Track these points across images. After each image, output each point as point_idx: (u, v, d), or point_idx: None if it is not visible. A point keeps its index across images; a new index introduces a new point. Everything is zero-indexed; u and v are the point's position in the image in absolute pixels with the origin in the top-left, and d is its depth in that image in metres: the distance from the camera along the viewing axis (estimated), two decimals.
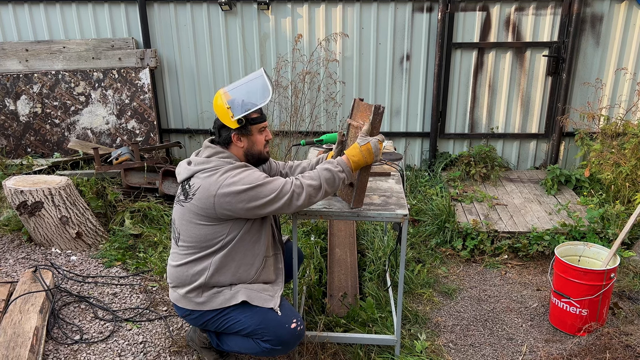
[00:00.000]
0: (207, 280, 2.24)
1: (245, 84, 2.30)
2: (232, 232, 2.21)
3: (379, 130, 2.28)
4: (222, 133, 2.27)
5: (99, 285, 3.37)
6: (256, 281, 2.31)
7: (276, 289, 2.37)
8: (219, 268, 2.24)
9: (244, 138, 2.25)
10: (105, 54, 5.26)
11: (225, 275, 2.25)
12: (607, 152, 4.55)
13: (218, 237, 2.20)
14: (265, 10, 5.21)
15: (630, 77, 5.19)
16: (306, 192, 2.15)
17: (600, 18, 5.05)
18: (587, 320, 2.90)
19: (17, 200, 3.60)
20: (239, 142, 2.26)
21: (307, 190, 2.16)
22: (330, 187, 2.20)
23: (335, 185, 2.22)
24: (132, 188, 4.44)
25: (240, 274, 2.27)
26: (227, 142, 2.27)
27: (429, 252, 3.99)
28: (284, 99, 5.37)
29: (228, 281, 2.26)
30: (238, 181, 2.10)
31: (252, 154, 2.30)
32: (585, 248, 3.13)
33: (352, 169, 2.24)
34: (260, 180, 2.12)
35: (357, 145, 2.23)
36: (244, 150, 2.28)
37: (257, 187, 2.10)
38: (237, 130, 2.23)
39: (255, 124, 2.26)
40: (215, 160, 2.20)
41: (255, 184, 2.10)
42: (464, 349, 2.87)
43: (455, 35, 5.19)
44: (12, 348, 2.47)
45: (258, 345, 2.25)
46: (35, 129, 5.31)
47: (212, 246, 2.22)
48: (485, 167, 5.12)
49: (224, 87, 2.32)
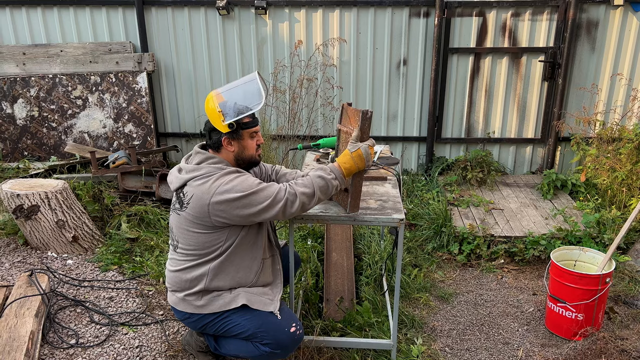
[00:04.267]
0: (207, 285, 2.24)
1: (238, 87, 2.26)
2: (230, 238, 2.20)
3: (369, 135, 2.27)
4: (212, 136, 2.24)
5: (95, 289, 3.36)
6: (255, 284, 2.31)
7: (275, 291, 2.37)
8: (218, 273, 2.24)
9: (234, 142, 2.23)
10: (102, 58, 5.26)
11: (224, 280, 2.25)
12: (602, 157, 4.57)
13: (216, 244, 2.20)
14: (263, 14, 5.22)
15: (626, 83, 5.22)
16: (299, 200, 2.14)
17: (595, 24, 5.09)
18: (582, 324, 2.91)
19: (13, 203, 3.59)
20: (230, 146, 2.23)
21: (301, 198, 2.14)
22: (323, 195, 2.20)
23: (328, 192, 2.21)
24: (128, 192, 4.43)
25: (240, 278, 2.27)
26: (218, 146, 2.25)
27: (426, 256, 4.00)
28: (281, 104, 5.38)
29: (227, 285, 2.26)
30: (231, 188, 2.08)
31: (242, 159, 2.28)
32: (581, 253, 3.14)
33: (344, 176, 2.24)
34: (254, 187, 2.10)
35: (347, 152, 2.22)
36: (234, 154, 2.25)
37: (250, 194, 2.08)
38: (227, 135, 2.20)
39: (247, 129, 2.22)
40: (206, 167, 2.18)
41: (249, 192, 2.08)
42: (460, 354, 2.87)
43: (452, 41, 5.22)
44: (8, 352, 2.46)
45: (257, 349, 2.25)
46: (32, 132, 5.30)
47: (211, 253, 2.22)
48: (482, 171, 5.13)
49: (217, 88, 2.29)
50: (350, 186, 2.32)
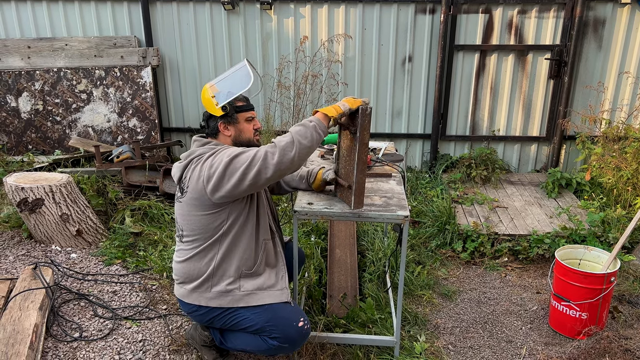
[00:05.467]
0: (215, 269, 2.25)
1: (229, 76, 2.34)
2: (231, 217, 2.22)
3: (369, 132, 2.25)
4: (210, 124, 2.32)
5: (99, 283, 3.36)
6: (260, 265, 2.31)
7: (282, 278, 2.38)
8: (225, 255, 2.26)
9: (230, 127, 2.28)
10: (107, 52, 5.26)
11: (231, 262, 2.26)
12: (608, 155, 4.55)
13: (219, 223, 2.22)
14: (268, 10, 5.21)
15: (633, 81, 5.19)
16: (280, 148, 2.05)
17: (602, 22, 5.05)
18: (586, 323, 2.90)
19: (17, 197, 3.60)
20: (226, 130, 2.29)
21: (280, 145, 2.06)
22: (303, 138, 2.08)
23: (308, 136, 2.09)
24: (132, 186, 4.44)
25: (245, 259, 2.28)
26: (215, 132, 2.31)
27: (429, 253, 3.99)
28: (286, 99, 5.37)
29: (234, 268, 2.26)
30: (218, 161, 2.10)
31: (240, 143, 2.31)
32: (585, 251, 3.12)
33: (322, 119, 2.17)
34: (236, 152, 2.10)
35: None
36: (231, 138, 2.30)
37: (233, 159, 2.08)
38: (223, 119, 2.26)
39: (242, 112, 2.29)
40: (201, 149, 2.23)
41: (230, 157, 2.08)
42: (464, 351, 2.87)
43: (458, 37, 5.19)
44: (12, 345, 2.46)
45: (265, 343, 2.25)
46: (36, 126, 5.31)
47: (216, 234, 2.24)
48: (486, 169, 5.12)
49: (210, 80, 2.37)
50: (354, 182, 2.31)
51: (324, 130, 2.16)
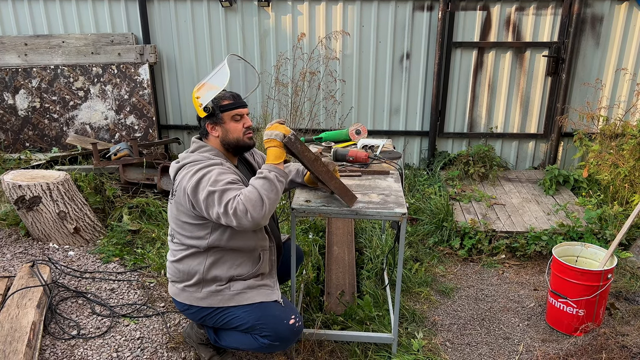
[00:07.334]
0: (204, 275, 2.25)
1: (214, 75, 2.30)
2: (215, 231, 2.20)
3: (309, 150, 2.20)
4: (200, 125, 2.31)
5: (97, 281, 3.36)
6: (253, 275, 2.30)
7: (273, 280, 2.38)
8: (215, 263, 2.24)
9: (217, 127, 2.26)
10: (104, 49, 5.25)
11: (221, 269, 2.25)
12: (605, 152, 4.56)
13: (204, 234, 2.20)
14: (266, 7, 5.19)
15: (630, 78, 5.19)
16: (249, 208, 1.96)
17: (600, 19, 5.05)
18: (583, 320, 2.91)
19: (15, 194, 3.59)
20: (214, 131, 2.27)
21: (250, 203, 1.97)
22: (269, 192, 2.02)
23: (272, 187, 2.04)
24: (130, 184, 4.43)
25: (237, 268, 2.27)
26: (205, 133, 2.30)
27: (427, 250, 4.00)
28: (283, 97, 5.36)
29: (225, 275, 2.26)
30: (204, 182, 2.04)
31: (228, 143, 2.27)
32: (582, 248, 3.13)
33: (277, 166, 2.12)
34: (220, 187, 2.01)
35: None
36: (219, 139, 2.27)
37: (212, 193, 2.01)
38: (208, 120, 2.25)
39: (226, 111, 2.24)
40: (195, 155, 2.21)
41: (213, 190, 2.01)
42: (461, 348, 2.88)
43: (456, 35, 5.19)
44: (9, 342, 2.46)
45: (256, 341, 2.25)
46: (33, 123, 5.30)
47: (202, 244, 2.22)
48: (484, 166, 5.12)
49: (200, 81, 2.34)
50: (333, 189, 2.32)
51: (285, 177, 2.14)
